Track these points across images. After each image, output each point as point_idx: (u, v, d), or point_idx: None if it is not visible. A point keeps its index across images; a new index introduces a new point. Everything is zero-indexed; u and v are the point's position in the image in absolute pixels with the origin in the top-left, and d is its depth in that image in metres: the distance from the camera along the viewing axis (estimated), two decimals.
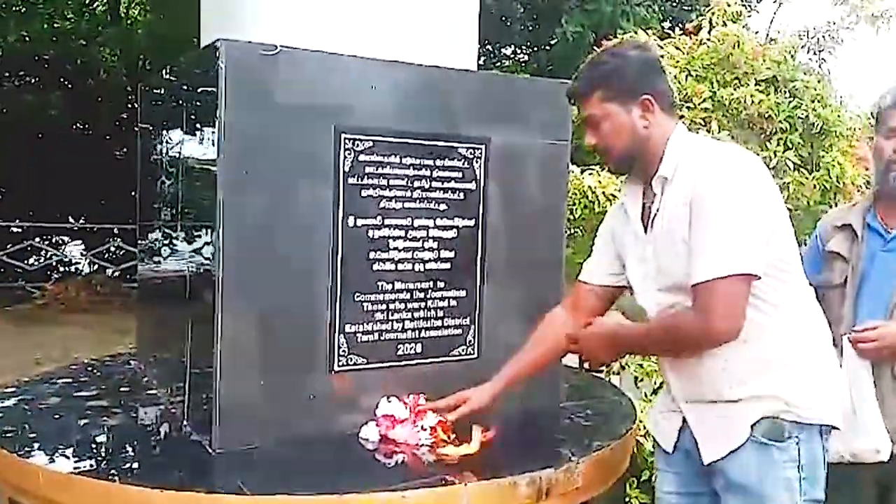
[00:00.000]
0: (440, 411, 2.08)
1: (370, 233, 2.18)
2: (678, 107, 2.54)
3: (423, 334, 2.29)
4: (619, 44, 2.05)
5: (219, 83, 1.96)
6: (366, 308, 2.19)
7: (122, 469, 1.91)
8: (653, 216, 1.76)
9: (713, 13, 4.05)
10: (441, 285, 2.30)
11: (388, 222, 2.20)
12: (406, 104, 2.23)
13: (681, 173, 1.70)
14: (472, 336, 2.36)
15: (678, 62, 3.85)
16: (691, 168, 1.69)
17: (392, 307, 2.23)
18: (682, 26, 4.30)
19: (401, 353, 2.26)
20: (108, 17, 12.95)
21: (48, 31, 12.39)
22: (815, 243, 2.27)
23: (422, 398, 2.16)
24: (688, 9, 11.06)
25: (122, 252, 11.53)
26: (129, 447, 2.13)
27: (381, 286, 2.21)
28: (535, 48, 12.66)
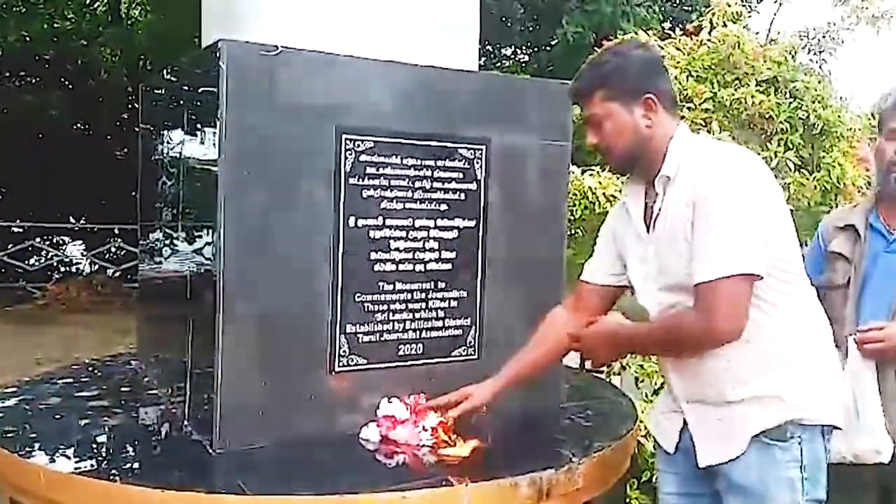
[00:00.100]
0: (442, 407, 2.08)
1: (371, 233, 2.18)
2: (679, 107, 2.53)
3: (424, 335, 2.29)
4: (621, 43, 2.05)
5: (220, 83, 1.96)
6: (367, 308, 2.19)
7: (123, 469, 1.92)
8: (655, 216, 1.76)
9: (713, 14, 4.04)
10: (442, 286, 2.30)
11: (388, 223, 2.21)
12: (407, 104, 2.23)
13: (683, 173, 1.70)
14: (473, 336, 2.36)
15: (679, 63, 3.84)
16: (694, 168, 1.69)
17: (393, 307, 2.23)
18: (682, 27, 4.29)
19: (402, 353, 2.26)
20: (109, 18, 12.95)
21: (49, 31, 12.38)
22: (817, 243, 2.27)
23: (422, 398, 2.16)
24: (688, 9, 11.05)
25: (122, 252, 11.54)
26: (129, 447, 2.14)
27: (382, 286, 2.21)
28: (536, 49, 12.66)
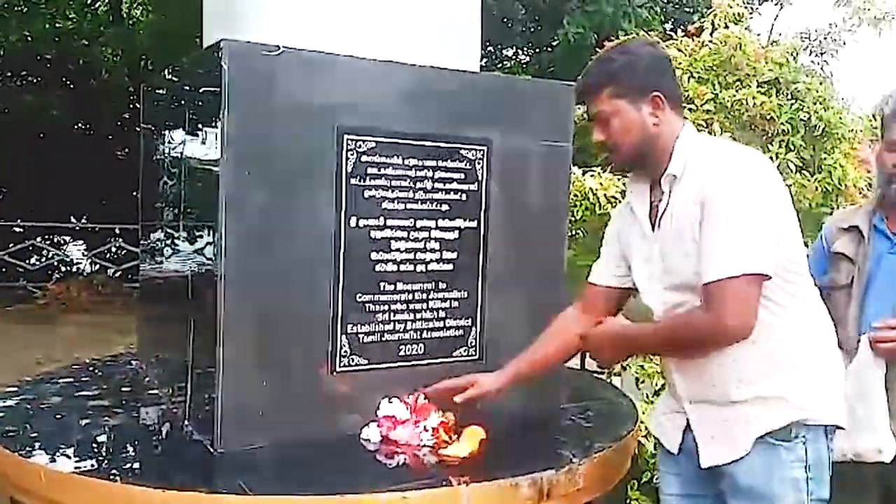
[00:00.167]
0: (448, 390, 2.05)
1: (372, 233, 2.18)
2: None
3: (425, 335, 2.29)
4: (628, 41, 2.04)
5: (221, 83, 1.96)
6: (368, 309, 2.19)
7: (124, 469, 1.92)
8: (661, 215, 1.75)
9: (715, 15, 4.04)
10: (443, 286, 2.30)
11: (390, 223, 2.21)
12: (408, 105, 2.23)
13: (690, 172, 1.70)
14: (474, 337, 2.36)
15: (680, 64, 3.84)
16: (701, 167, 1.68)
17: (394, 308, 2.23)
18: (683, 28, 4.30)
19: (403, 353, 2.26)
20: (110, 17, 12.97)
21: (50, 30, 12.40)
22: (820, 244, 2.27)
23: (422, 397, 2.16)
24: (689, 11, 11.04)
25: (123, 252, 11.54)
26: (130, 447, 2.14)
27: (384, 287, 2.21)
28: (537, 49, 12.65)
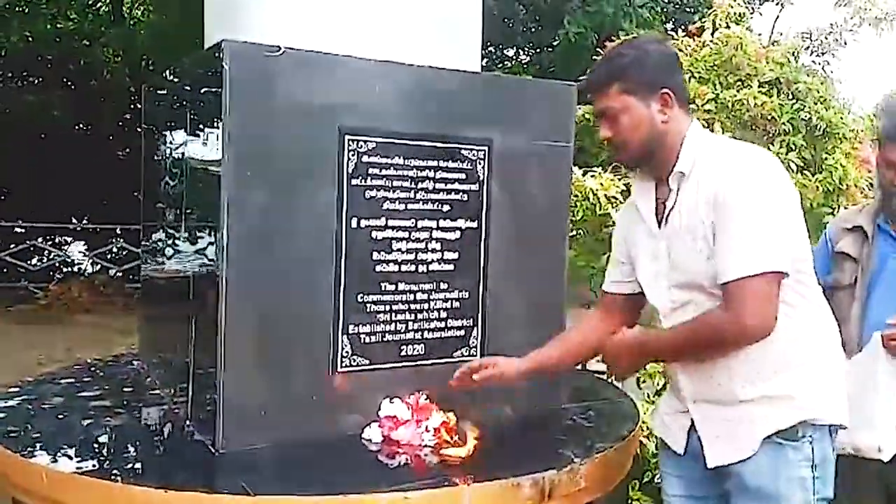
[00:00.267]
0: (470, 370, 2.01)
1: (373, 234, 2.18)
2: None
3: (426, 335, 2.29)
4: (637, 37, 2.04)
5: (222, 84, 1.96)
6: (369, 309, 2.19)
7: (126, 469, 1.92)
8: (667, 212, 1.74)
9: (716, 15, 4.04)
10: (444, 286, 2.30)
11: (391, 223, 2.21)
12: (409, 105, 2.23)
13: (699, 170, 1.69)
14: (475, 337, 2.36)
15: (681, 64, 3.84)
16: (711, 165, 1.67)
17: (395, 308, 2.23)
18: (684, 28, 4.29)
19: (404, 354, 2.26)
20: (112, 18, 12.98)
21: (51, 31, 12.42)
22: (824, 244, 2.27)
23: (423, 397, 2.17)
24: (690, 11, 11.03)
25: (124, 252, 11.53)
26: (132, 447, 2.14)
27: (385, 287, 2.21)
28: (538, 49, 12.65)
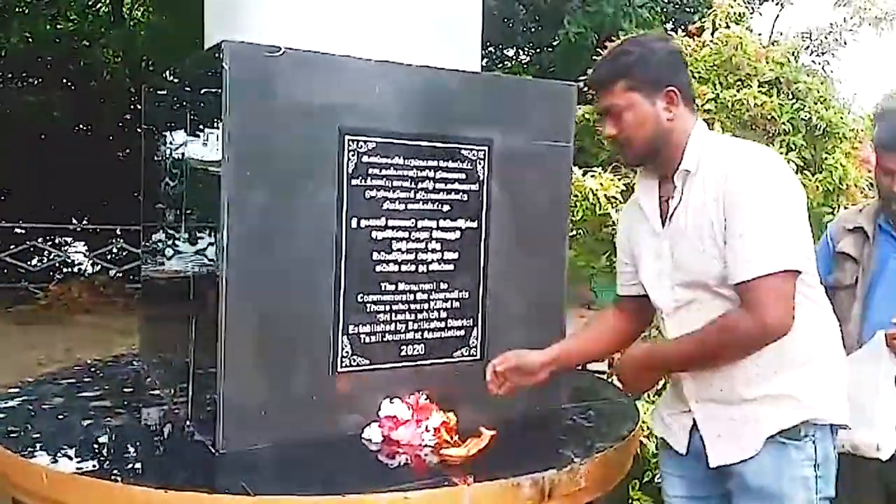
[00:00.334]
0: (493, 369, 1.95)
1: (373, 234, 2.18)
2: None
3: (426, 335, 2.29)
4: (642, 35, 2.04)
5: (222, 84, 1.96)
6: (369, 309, 2.19)
7: (126, 469, 1.92)
8: (672, 211, 1.74)
9: (716, 15, 4.04)
10: (444, 286, 2.30)
11: (391, 223, 2.21)
12: (409, 105, 2.23)
13: (705, 168, 1.68)
14: (475, 337, 2.36)
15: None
16: (718, 163, 1.66)
17: (395, 308, 2.23)
18: (684, 28, 4.29)
19: (404, 354, 2.26)
20: (112, 19, 12.97)
21: (51, 32, 12.41)
22: (825, 244, 2.27)
23: (423, 397, 2.17)
24: (690, 11, 11.03)
25: (124, 253, 11.53)
26: (132, 447, 2.14)
27: (385, 287, 2.21)
28: (537, 49, 12.65)
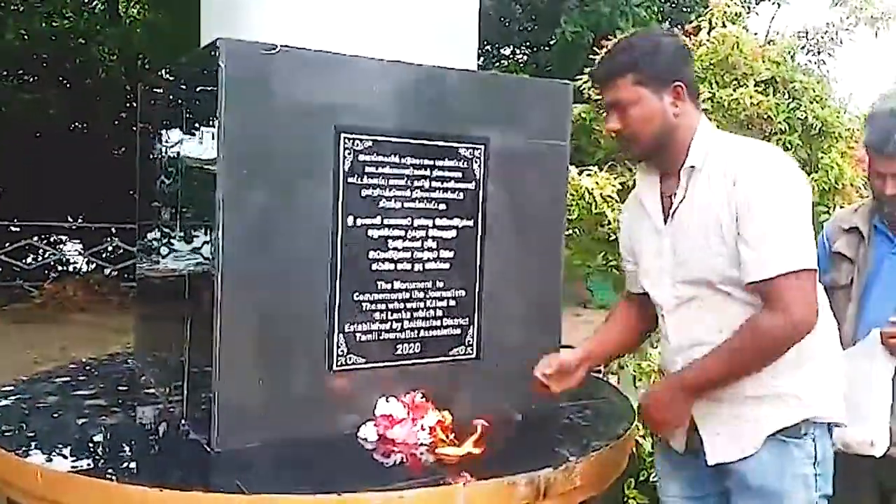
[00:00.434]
0: (540, 373, 1.92)
1: (369, 232, 2.18)
2: None
3: (422, 334, 2.29)
4: (648, 29, 2.03)
5: (218, 82, 1.96)
6: (365, 308, 2.19)
7: (121, 468, 1.92)
8: (675, 207, 1.73)
9: (712, 14, 4.04)
10: (440, 285, 2.30)
11: (387, 222, 2.20)
12: (406, 104, 2.23)
13: (712, 165, 1.67)
14: (472, 336, 2.36)
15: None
16: (726, 162, 1.66)
17: (391, 307, 2.23)
18: (681, 27, 4.29)
19: (400, 352, 2.26)
20: (107, 16, 12.94)
21: (47, 29, 12.36)
22: (821, 244, 2.28)
23: (419, 396, 2.17)
24: (687, 10, 11.04)
25: (120, 251, 11.53)
26: (127, 446, 2.14)
27: (381, 286, 2.21)
28: (534, 48, 12.66)
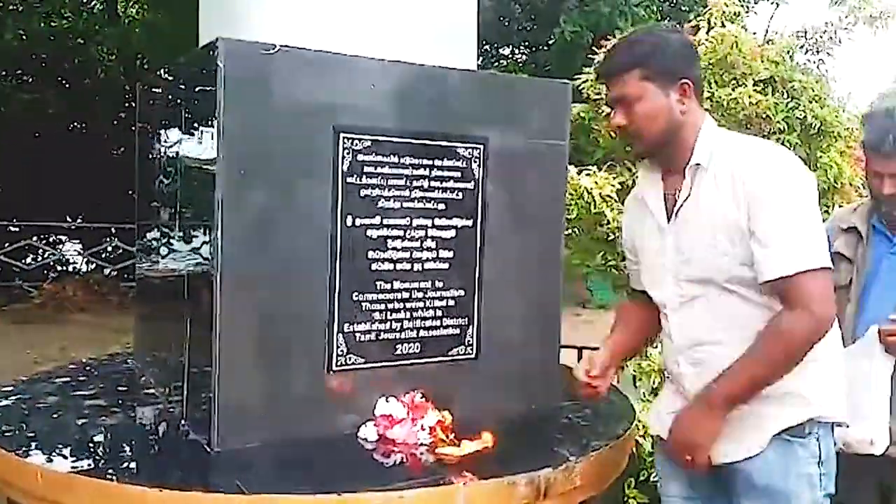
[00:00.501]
0: (586, 377, 1.92)
1: (369, 232, 2.18)
2: None
3: (422, 334, 2.29)
4: (655, 26, 2.03)
5: (217, 82, 1.96)
6: (364, 307, 2.19)
7: (121, 468, 1.92)
8: (679, 205, 1.72)
9: (711, 14, 4.03)
10: (439, 285, 2.30)
11: (386, 222, 2.20)
12: (405, 104, 2.23)
13: (718, 164, 1.67)
14: (471, 336, 2.36)
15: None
16: (732, 161, 1.65)
17: (391, 307, 2.23)
18: (680, 26, 4.28)
19: (399, 352, 2.26)
20: (106, 16, 12.93)
21: (46, 29, 12.36)
22: None
23: (419, 395, 2.17)
24: (686, 9, 11.04)
25: (119, 251, 11.54)
26: (127, 446, 2.14)
27: (380, 286, 2.21)
28: (534, 48, 12.66)
